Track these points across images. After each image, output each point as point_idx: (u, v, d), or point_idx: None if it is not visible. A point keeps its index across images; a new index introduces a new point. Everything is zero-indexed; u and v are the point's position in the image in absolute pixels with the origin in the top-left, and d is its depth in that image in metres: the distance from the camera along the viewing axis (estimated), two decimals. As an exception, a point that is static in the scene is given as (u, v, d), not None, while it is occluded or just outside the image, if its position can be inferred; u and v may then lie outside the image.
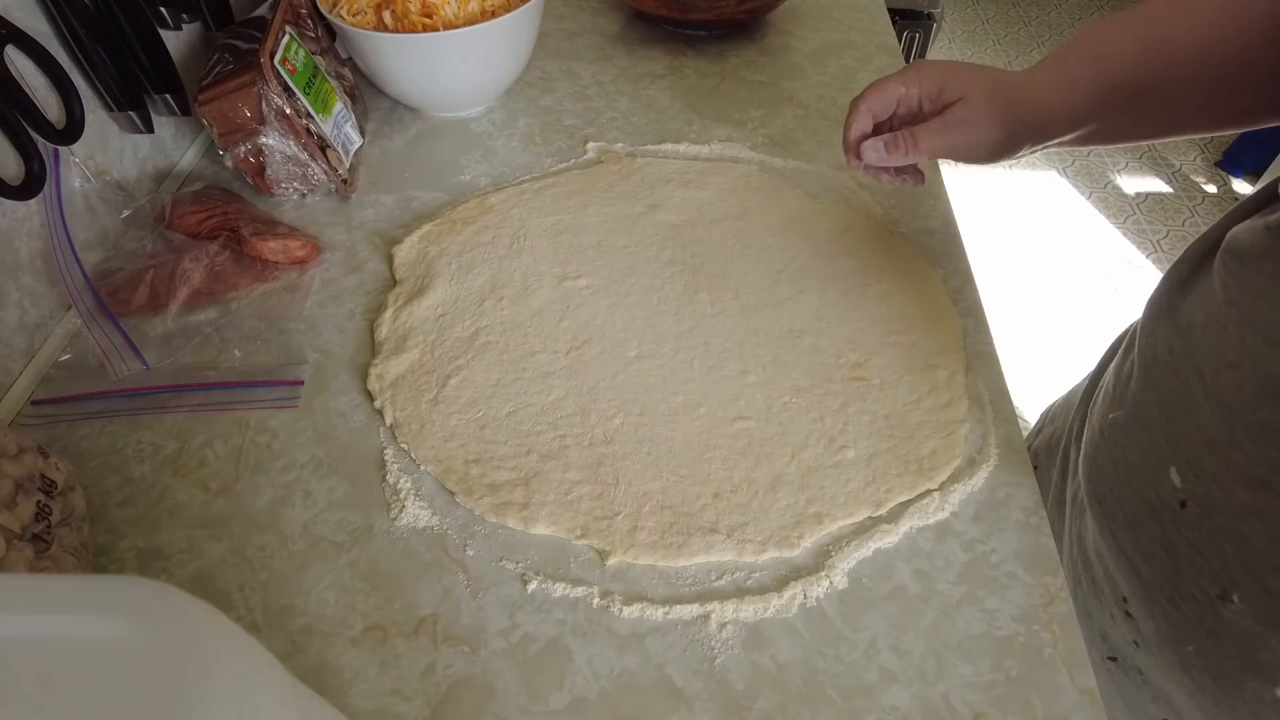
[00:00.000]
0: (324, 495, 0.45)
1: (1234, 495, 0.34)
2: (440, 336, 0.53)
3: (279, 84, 0.57)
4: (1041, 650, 0.38)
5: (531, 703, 0.37)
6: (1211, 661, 0.38)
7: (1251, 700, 0.37)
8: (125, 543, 0.44)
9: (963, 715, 0.36)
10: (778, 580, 0.41)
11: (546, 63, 0.79)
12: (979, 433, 0.47)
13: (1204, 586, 0.37)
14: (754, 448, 0.46)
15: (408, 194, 0.65)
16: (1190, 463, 0.36)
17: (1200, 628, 0.38)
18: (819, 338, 0.52)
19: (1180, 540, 0.38)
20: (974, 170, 2.18)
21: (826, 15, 0.84)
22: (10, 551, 0.35)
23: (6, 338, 0.51)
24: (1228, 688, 0.38)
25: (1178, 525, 0.38)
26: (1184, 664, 0.40)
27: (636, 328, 0.53)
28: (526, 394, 0.49)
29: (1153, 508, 0.39)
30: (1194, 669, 0.39)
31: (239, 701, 0.19)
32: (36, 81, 0.52)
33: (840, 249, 0.58)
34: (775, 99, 0.73)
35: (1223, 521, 0.35)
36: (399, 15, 0.65)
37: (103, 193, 0.57)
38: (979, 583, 0.41)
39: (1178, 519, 0.37)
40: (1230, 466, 0.34)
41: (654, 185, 0.63)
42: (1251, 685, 0.36)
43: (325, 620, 0.40)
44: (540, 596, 0.41)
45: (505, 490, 0.45)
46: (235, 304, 0.56)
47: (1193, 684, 0.40)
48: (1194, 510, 0.36)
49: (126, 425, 0.49)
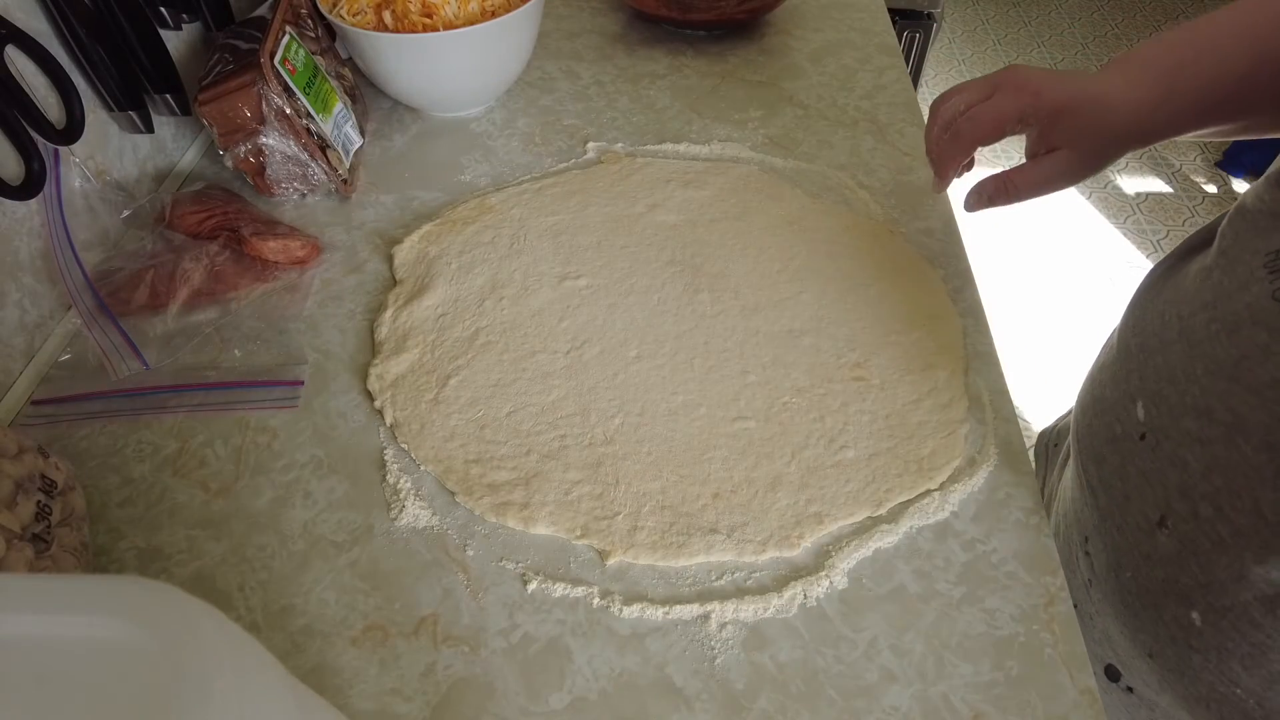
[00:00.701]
0: (324, 495, 0.45)
1: (1183, 424, 0.36)
2: (440, 336, 0.53)
3: (279, 84, 0.57)
4: (1041, 650, 0.38)
5: (531, 703, 0.37)
6: (1144, 586, 0.40)
7: (1170, 624, 0.39)
8: (125, 543, 0.44)
9: (963, 715, 0.36)
10: (778, 580, 0.41)
11: (546, 63, 0.79)
12: (979, 433, 0.47)
13: (1146, 513, 0.39)
14: (754, 448, 0.46)
15: (408, 194, 0.65)
16: (1154, 395, 0.38)
17: (1138, 553, 0.40)
18: (819, 338, 0.52)
19: (1133, 469, 0.40)
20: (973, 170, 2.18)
21: (826, 15, 0.84)
22: (10, 551, 0.35)
23: (6, 338, 0.51)
24: (1153, 613, 0.40)
25: (1134, 455, 0.40)
26: (1122, 591, 0.42)
27: (636, 328, 0.53)
28: (526, 394, 0.49)
29: (1116, 440, 0.41)
30: (1129, 594, 0.42)
31: (239, 701, 0.19)
32: (36, 81, 0.52)
33: (840, 249, 0.58)
34: (775, 99, 0.73)
35: (1170, 450, 0.37)
36: (399, 15, 0.65)
37: (103, 193, 0.57)
38: (979, 583, 0.41)
39: (1135, 449, 0.39)
40: (1185, 398, 0.36)
41: (654, 185, 0.63)
42: (1171, 609, 0.38)
43: (325, 620, 0.40)
44: (540, 596, 0.41)
45: (505, 490, 0.45)
46: (235, 304, 0.56)
47: (1127, 611, 0.42)
48: (1150, 441, 0.38)
49: (126, 425, 0.49)
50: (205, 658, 0.19)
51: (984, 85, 0.49)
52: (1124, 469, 0.41)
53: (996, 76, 0.49)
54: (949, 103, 0.50)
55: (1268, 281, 0.33)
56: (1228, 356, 0.34)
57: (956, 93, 0.50)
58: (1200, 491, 0.35)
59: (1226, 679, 0.37)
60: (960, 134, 0.48)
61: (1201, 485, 0.35)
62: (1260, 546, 0.33)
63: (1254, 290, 0.33)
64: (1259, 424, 0.32)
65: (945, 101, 0.50)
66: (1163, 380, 0.38)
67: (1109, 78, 0.46)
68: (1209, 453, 0.35)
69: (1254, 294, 0.33)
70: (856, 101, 0.72)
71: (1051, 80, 0.46)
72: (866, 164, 0.65)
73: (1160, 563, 0.39)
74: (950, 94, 0.50)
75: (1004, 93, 0.48)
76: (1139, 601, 0.41)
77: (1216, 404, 0.34)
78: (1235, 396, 0.33)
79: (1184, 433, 0.36)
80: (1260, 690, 0.36)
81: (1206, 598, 0.36)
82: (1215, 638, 0.36)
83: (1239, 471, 0.33)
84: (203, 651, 0.19)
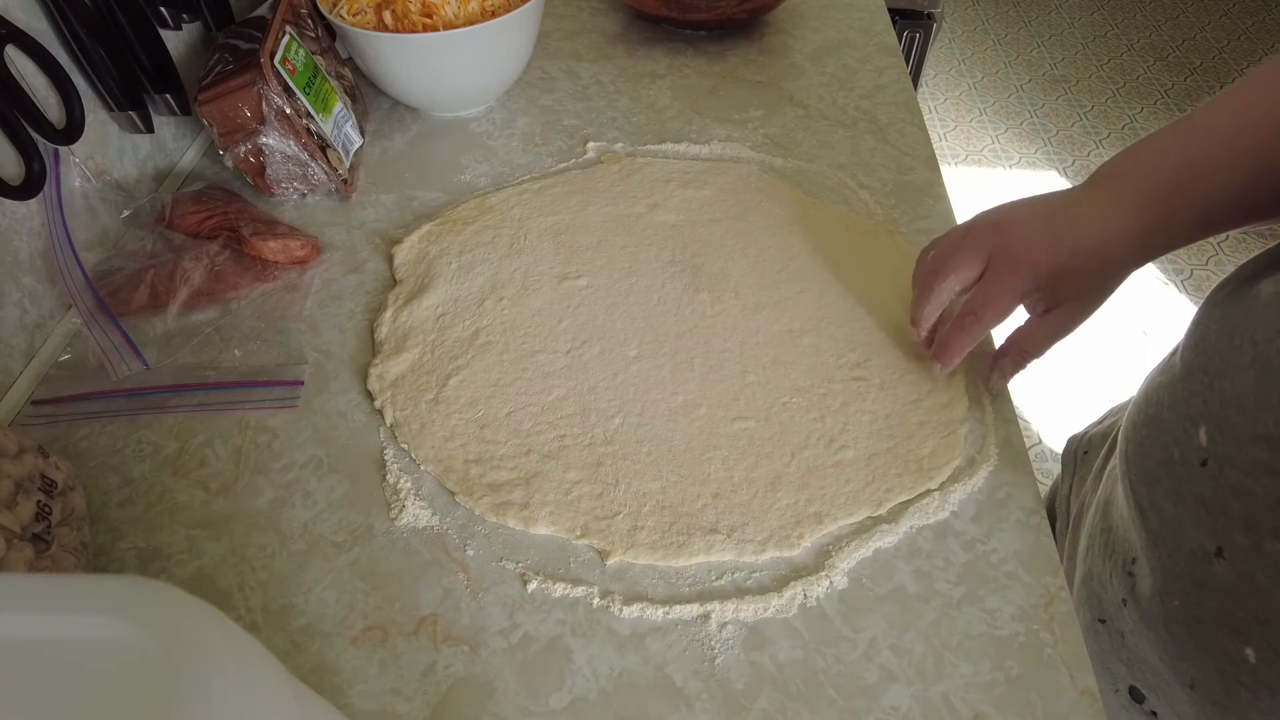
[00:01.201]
0: (324, 495, 0.45)
1: (1251, 453, 0.35)
2: (440, 336, 0.53)
3: (279, 84, 0.57)
4: (1041, 650, 0.38)
5: (531, 703, 0.37)
6: (1193, 615, 0.39)
7: (1220, 657, 0.38)
8: (125, 543, 0.44)
9: (963, 715, 0.36)
10: (778, 580, 0.41)
11: (546, 63, 0.79)
12: (979, 433, 0.47)
13: (1203, 542, 0.38)
14: (754, 448, 0.46)
15: (408, 194, 0.65)
16: (1220, 421, 0.37)
17: (1190, 581, 0.39)
18: (819, 337, 0.52)
19: (1190, 495, 0.38)
20: (973, 170, 2.18)
21: (826, 15, 0.84)
22: (10, 551, 0.35)
23: (6, 337, 0.51)
24: (1201, 644, 0.39)
25: (1192, 481, 0.38)
26: (1168, 619, 0.41)
27: (636, 328, 0.53)
28: (526, 394, 0.49)
29: (1173, 464, 0.40)
30: (1175, 622, 0.40)
31: (239, 701, 0.19)
32: (36, 81, 0.52)
33: (840, 249, 0.58)
34: (775, 99, 0.73)
35: (1235, 479, 0.36)
36: (399, 15, 0.65)
37: (103, 193, 0.57)
38: (979, 583, 0.41)
39: (1194, 475, 0.38)
40: (1257, 427, 0.34)
41: (654, 185, 0.63)
42: (1223, 641, 0.37)
43: (325, 620, 0.40)
44: (540, 596, 0.41)
45: (505, 490, 0.45)
46: (235, 304, 0.56)
47: (1171, 639, 0.41)
48: (1211, 468, 0.37)
49: (126, 425, 0.49)
50: (205, 658, 0.19)
51: (974, 258, 0.45)
52: (1179, 493, 0.39)
53: (984, 243, 0.45)
54: (943, 283, 0.46)
55: None
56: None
57: (949, 269, 0.45)
58: (1267, 525, 0.34)
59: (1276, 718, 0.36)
60: (968, 328, 0.45)
61: (1269, 519, 0.34)
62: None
63: None
64: None
65: (938, 280, 0.46)
66: (1230, 406, 0.36)
67: (1100, 208, 0.43)
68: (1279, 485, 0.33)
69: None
70: (856, 101, 0.72)
71: (1044, 244, 0.43)
72: (866, 164, 0.65)
73: (1215, 594, 0.37)
74: (941, 269, 0.46)
75: (999, 273, 0.44)
76: (1185, 631, 0.40)
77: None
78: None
79: (1252, 462, 0.35)
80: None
81: (1264, 634, 0.35)
82: (1269, 676, 0.35)
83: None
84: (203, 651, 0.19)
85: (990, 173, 2.17)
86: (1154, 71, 2.48)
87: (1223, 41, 2.59)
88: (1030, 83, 2.47)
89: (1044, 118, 2.34)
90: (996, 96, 2.43)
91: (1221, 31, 2.64)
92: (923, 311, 0.47)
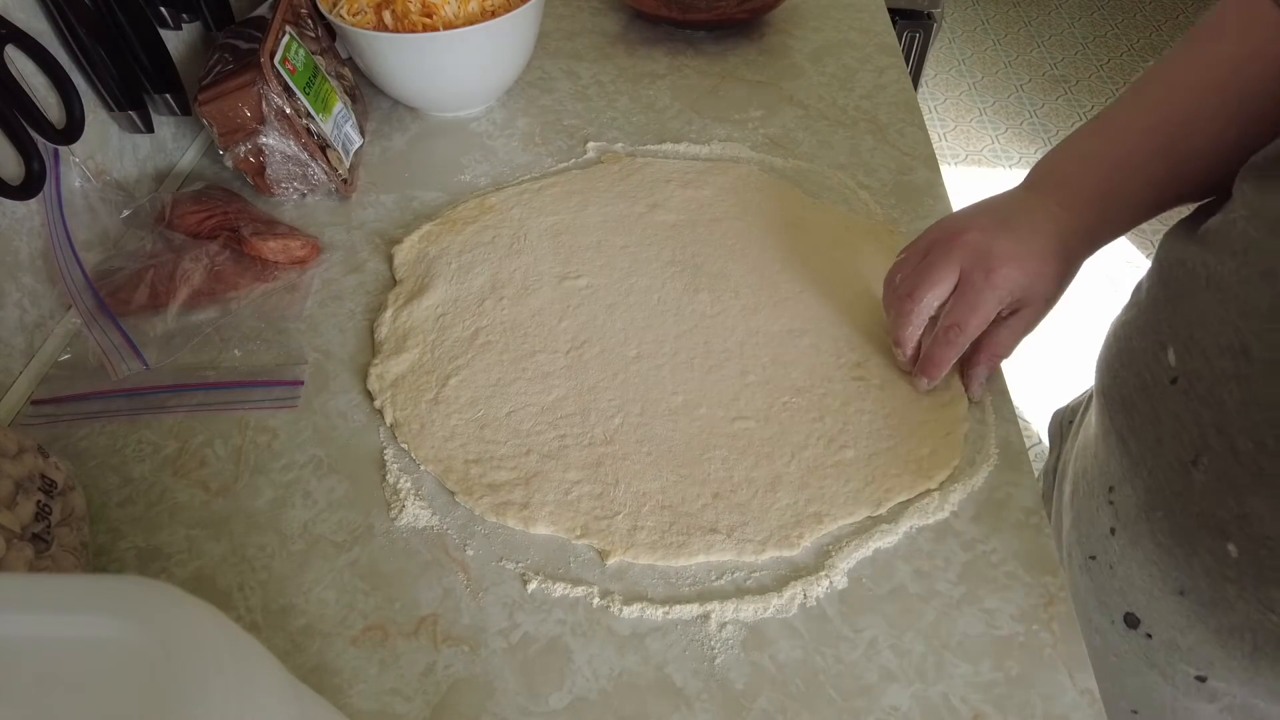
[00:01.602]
0: (324, 495, 0.45)
1: (1217, 365, 0.37)
2: (440, 336, 0.53)
3: (279, 84, 0.57)
4: (1041, 650, 0.38)
5: (531, 703, 0.37)
6: (1177, 524, 0.41)
7: (1205, 558, 0.40)
8: (125, 543, 0.44)
9: (963, 715, 0.36)
10: (778, 580, 0.41)
11: (546, 63, 0.79)
12: (979, 433, 0.47)
13: (1179, 454, 0.40)
14: (754, 447, 0.46)
15: (408, 194, 0.65)
16: (1186, 341, 0.40)
17: (1170, 493, 0.42)
18: (819, 337, 0.52)
19: (1165, 413, 0.41)
20: (973, 170, 2.18)
21: (826, 15, 0.84)
22: (10, 551, 0.35)
23: (6, 337, 0.51)
24: (1186, 550, 0.41)
25: (1165, 399, 0.41)
26: (1154, 532, 0.43)
27: (636, 328, 0.53)
28: (526, 394, 0.49)
29: (1147, 387, 0.42)
30: (1161, 533, 0.43)
31: (239, 701, 0.19)
32: (36, 81, 0.52)
33: (840, 249, 0.58)
34: (775, 99, 0.73)
35: (1204, 390, 0.38)
36: (399, 15, 0.65)
37: (103, 193, 0.57)
38: (979, 583, 0.41)
39: (1166, 394, 0.41)
40: (1220, 340, 0.37)
41: (654, 185, 0.63)
42: (1207, 542, 0.40)
43: (325, 620, 0.40)
44: (540, 596, 0.41)
45: (505, 490, 0.45)
46: (235, 304, 0.56)
47: (1158, 550, 0.43)
48: (1182, 385, 0.40)
49: (126, 425, 0.49)
50: (205, 658, 0.19)
51: (945, 271, 0.45)
52: (1155, 414, 0.42)
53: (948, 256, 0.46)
54: (919, 304, 0.46)
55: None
56: (1264, 299, 0.35)
57: (926, 289, 0.46)
58: (1238, 427, 0.36)
59: (1263, 606, 0.38)
60: (953, 342, 0.46)
61: (1239, 421, 0.36)
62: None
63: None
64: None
65: (914, 302, 0.46)
66: (1194, 325, 0.39)
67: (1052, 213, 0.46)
68: (1247, 389, 0.36)
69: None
70: (856, 101, 0.72)
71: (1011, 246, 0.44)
72: (866, 164, 0.65)
73: (1195, 499, 0.40)
74: (914, 293, 0.46)
75: (975, 286, 0.45)
76: (1172, 540, 0.42)
77: (1254, 342, 0.35)
78: (1275, 333, 0.35)
79: (1219, 373, 0.37)
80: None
81: (1243, 529, 0.37)
82: (1251, 567, 0.37)
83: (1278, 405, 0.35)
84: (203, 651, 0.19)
85: (990, 173, 2.17)
86: (1154, 71, 2.48)
87: (1223, 41, 2.58)
88: (1030, 83, 2.47)
89: (1044, 118, 2.34)
90: (996, 96, 2.43)
91: (1221, 31, 2.63)
92: (904, 333, 0.47)
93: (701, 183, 0.63)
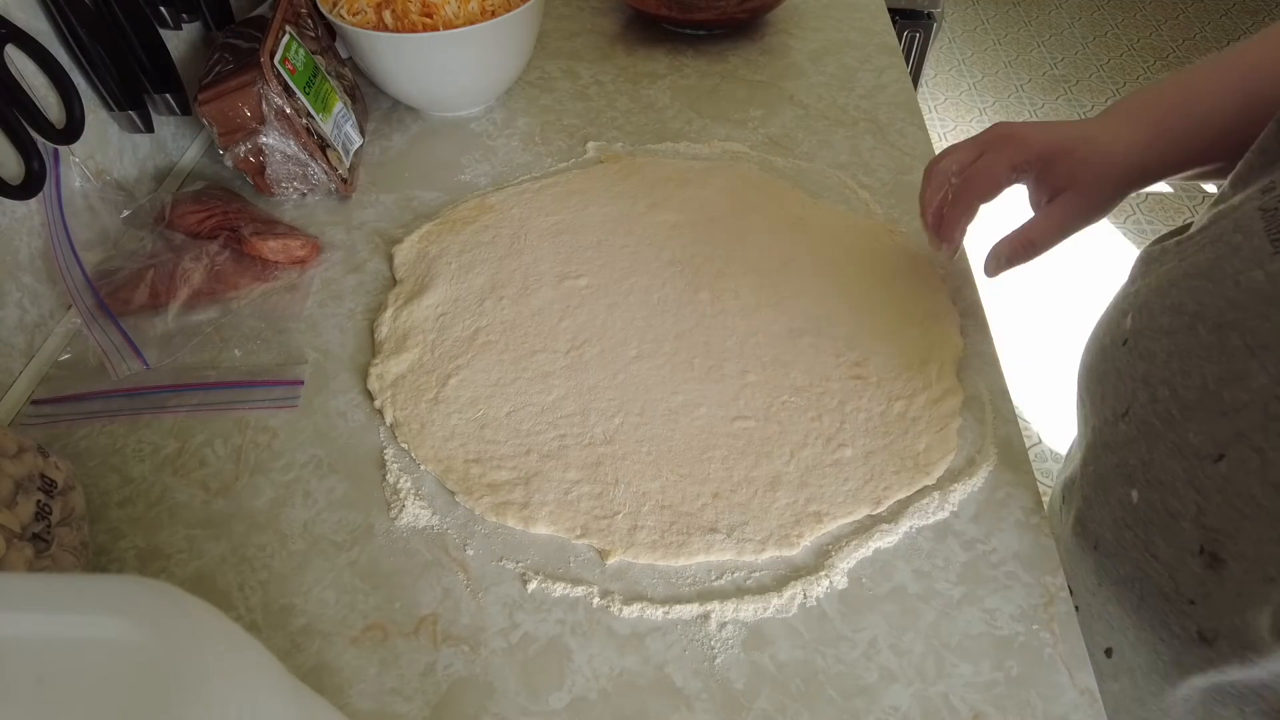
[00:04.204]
0: (324, 495, 0.45)
1: (1158, 321, 0.39)
2: (440, 336, 0.53)
3: (279, 84, 0.57)
4: (1041, 650, 0.38)
5: (531, 702, 0.37)
6: (1099, 474, 0.43)
7: (1115, 506, 0.42)
8: (125, 542, 0.44)
9: (962, 715, 0.36)
10: (778, 580, 0.41)
11: (546, 63, 0.79)
12: (979, 432, 0.47)
13: (1115, 406, 0.42)
14: (753, 447, 0.46)
15: (408, 194, 0.65)
16: (1142, 306, 0.41)
17: (1101, 444, 0.44)
18: (818, 337, 0.52)
19: (1112, 370, 0.43)
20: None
21: (826, 15, 0.84)
22: (10, 551, 0.35)
23: (6, 337, 0.51)
24: (1102, 499, 0.43)
25: (1115, 359, 0.43)
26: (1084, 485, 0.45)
27: (636, 327, 0.53)
28: (526, 393, 0.49)
29: (1104, 349, 0.44)
30: (1088, 484, 0.45)
31: (239, 702, 0.19)
32: (36, 81, 0.52)
33: (840, 249, 0.58)
34: (775, 99, 0.73)
35: (1142, 346, 0.40)
36: (399, 15, 0.65)
37: (103, 192, 0.57)
38: (979, 582, 0.41)
39: (1117, 354, 0.43)
40: (1165, 300, 0.39)
41: (654, 185, 0.63)
42: (1117, 491, 0.42)
43: (325, 620, 0.40)
44: (540, 596, 0.41)
45: (505, 490, 0.45)
46: (235, 304, 0.56)
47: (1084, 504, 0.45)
48: (1130, 345, 0.41)
49: (126, 425, 0.49)
50: (205, 658, 0.19)
51: (972, 147, 0.50)
52: (1104, 373, 0.44)
53: (983, 136, 0.50)
54: (940, 165, 0.50)
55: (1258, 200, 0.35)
56: (1206, 259, 0.37)
57: (946, 155, 0.51)
58: (1160, 377, 0.38)
59: (1149, 553, 0.39)
60: (959, 197, 0.49)
61: (1162, 371, 0.38)
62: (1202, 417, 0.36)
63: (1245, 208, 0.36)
64: (1214, 309, 0.36)
65: (936, 165, 0.51)
66: (1152, 292, 0.41)
67: (1097, 120, 0.48)
68: (1173, 341, 0.38)
69: (1244, 211, 0.36)
70: (856, 101, 0.72)
71: (1038, 128, 0.48)
72: (866, 164, 0.65)
73: (1116, 449, 0.42)
74: (940, 158, 0.51)
75: (993, 149, 0.48)
76: (1094, 491, 0.44)
77: (1188, 299, 0.37)
78: (1205, 291, 0.37)
79: (1157, 329, 0.39)
80: (1173, 561, 0.38)
81: (1145, 474, 0.39)
82: (1145, 511, 0.39)
83: (1193, 354, 0.37)
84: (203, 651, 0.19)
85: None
86: (1154, 71, 2.48)
87: (1222, 41, 2.59)
88: (1030, 83, 2.47)
89: (1044, 118, 2.34)
90: (996, 96, 2.43)
91: (1221, 31, 2.64)
92: (924, 195, 0.52)
93: (701, 182, 0.63)
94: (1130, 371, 0.41)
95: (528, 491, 0.44)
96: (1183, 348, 0.37)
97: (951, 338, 0.51)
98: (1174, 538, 0.38)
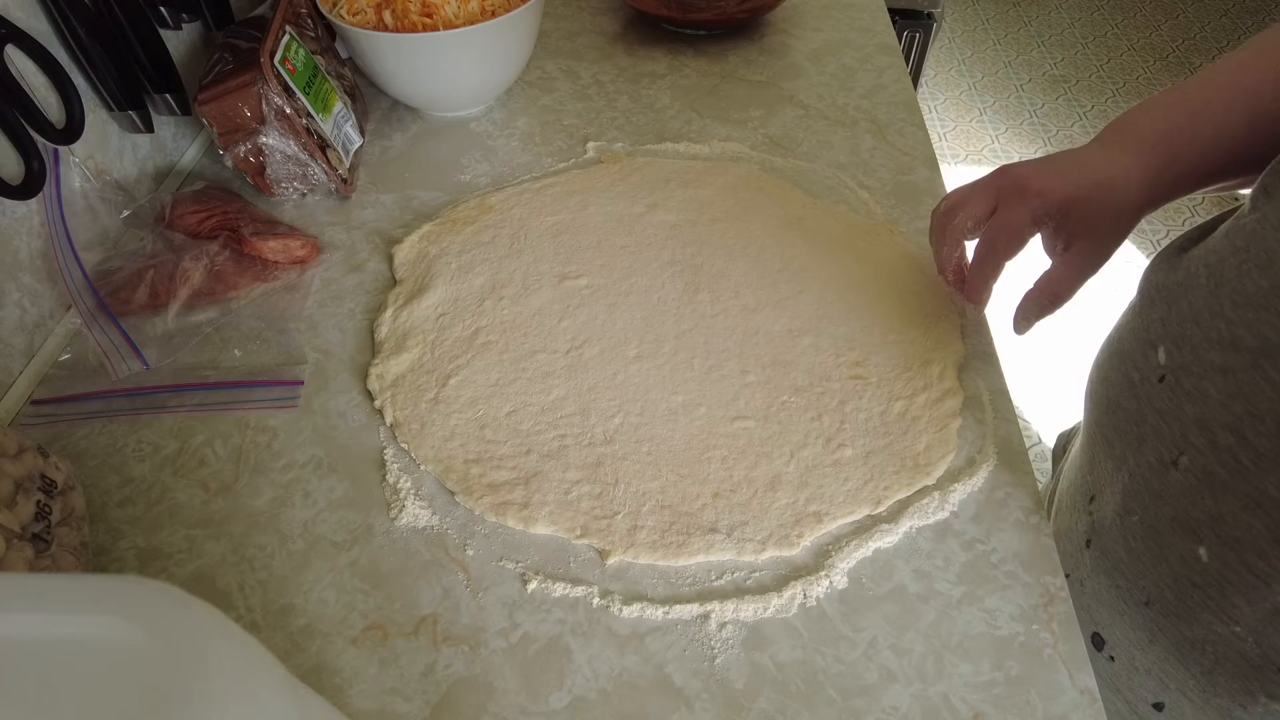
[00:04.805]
0: (324, 495, 0.45)
1: (1206, 358, 0.37)
2: (440, 336, 0.53)
3: (279, 84, 0.57)
4: (1041, 650, 0.38)
5: (531, 702, 0.37)
6: (1150, 526, 0.41)
7: (1175, 563, 0.40)
8: (125, 542, 0.44)
9: (962, 715, 0.36)
10: (778, 580, 0.41)
11: (546, 63, 0.79)
12: (979, 432, 0.47)
13: (1161, 452, 0.40)
14: (753, 447, 0.46)
15: (408, 194, 0.65)
16: (1177, 338, 0.39)
17: (1148, 493, 0.41)
18: (819, 337, 0.52)
19: (1150, 410, 0.41)
20: (973, 170, 2.18)
21: (826, 15, 0.84)
22: (10, 551, 0.35)
23: (6, 337, 0.51)
24: (1157, 554, 0.41)
25: (1152, 397, 0.41)
26: (1126, 536, 0.43)
27: (636, 327, 0.53)
28: (526, 394, 0.49)
29: (1134, 385, 0.42)
30: (1134, 537, 0.42)
31: (239, 702, 0.19)
32: (36, 81, 0.52)
33: (840, 249, 0.58)
34: (775, 99, 0.73)
35: (1191, 385, 0.38)
36: (399, 15, 0.65)
37: (103, 193, 0.57)
38: (979, 582, 0.41)
39: (1152, 392, 0.40)
40: (1210, 334, 0.37)
41: (654, 185, 0.63)
42: (1177, 545, 0.39)
43: (325, 620, 0.40)
44: (540, 596, 0.41)
45: (505, 490, 0.45)
46: (235, 304, 0.56)
47: (1129, 557, 0.43)
48: (1169, 381, 0.39)
49: (126, 425, 0.49)
50: (205, 658, 0.19)
51: (983, 198, 0.48)
52: (1140, 413, 0.41)
53: (992, 184, 0.48)
54: (955, 221, 0.48)
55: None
56: (1258, 289, 0.35)
57: (960, 208, 0.48)
58: (1220, 421, 0.36)
59: (1226, 616, 0.37)
60: (984, 258, 0.47)
61: (1221, 415, 0.36)
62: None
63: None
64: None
65: (950, 219, 0.49)
66: (1187, 322, 0.38)
67: (1107, 153, 0.45)
68: (1231, 381, 0.35)
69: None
70: (856, 101, 0.72)
71: (1050, 174, 0.45)
72: (866, 164, 0.65)
73: (1170, 500, 0.39)
74: (952, 209, 0.49)
75: (1009, 204, 0.46)
76: (1142, 544, 0.41)
77: (1243, 333, 0.35)
78: (1264, 324, 0.34)
79: (1206, 365, 0.37)
80: (1260, 626, 0.36)
81: (1216, 530, 0.37)
82: (1220, 571, 0.37)
83: (1263, 395, 0.34)
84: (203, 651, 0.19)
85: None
86: (1154, 71, 2.48)
87: (1223, 41, 2.59)
88: (1030, 83, 2.47)
89: (1044, 118, 2.34)
90: (996, 96, 2.43)
91: (1221, 31, 2.64)
92: (940, 253, 0.51)
93: (701, 183, 0.63)
94: (1176, 414, 0.38)
95: (528, 491, 0.44)
96: (1246, 388, 0.35)
97: (951, 338, 0.51)
98: (1261, 601, 0.35)
